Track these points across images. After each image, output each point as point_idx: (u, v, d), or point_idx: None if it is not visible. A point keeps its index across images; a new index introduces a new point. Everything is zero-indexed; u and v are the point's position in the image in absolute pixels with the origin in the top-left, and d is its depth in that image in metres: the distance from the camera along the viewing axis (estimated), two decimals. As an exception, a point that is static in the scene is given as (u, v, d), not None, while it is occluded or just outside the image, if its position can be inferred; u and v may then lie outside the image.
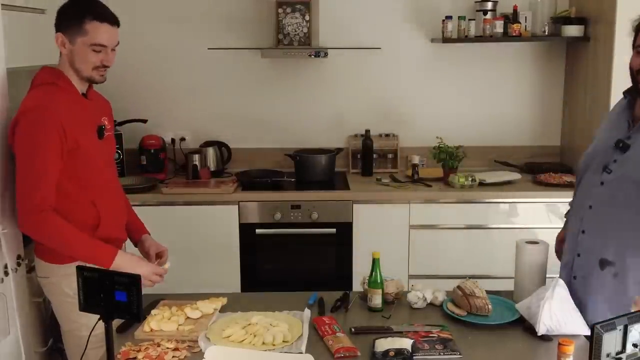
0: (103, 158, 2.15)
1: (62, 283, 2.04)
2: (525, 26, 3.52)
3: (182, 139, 3.79)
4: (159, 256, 2.24)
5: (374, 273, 2.04)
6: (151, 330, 1.87)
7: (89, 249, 1.97)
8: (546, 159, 3.82)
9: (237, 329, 1.85)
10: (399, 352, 1.68)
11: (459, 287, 2.01)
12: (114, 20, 2.04)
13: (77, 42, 2.00)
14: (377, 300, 2.03)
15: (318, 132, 3.85)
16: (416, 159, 3.67)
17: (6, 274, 2.16)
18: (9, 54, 2.47)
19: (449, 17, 3.52)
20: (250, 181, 3.47)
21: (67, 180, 1.99)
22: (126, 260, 2.00)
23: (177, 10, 3.65)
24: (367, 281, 2.07)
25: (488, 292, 2.02)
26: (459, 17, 3.51)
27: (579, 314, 1.84)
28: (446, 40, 3.53)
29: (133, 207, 2.39)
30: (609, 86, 3.17)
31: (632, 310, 1.65)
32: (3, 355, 2.23)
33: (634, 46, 1.86)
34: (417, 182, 3.47)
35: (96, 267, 1.72)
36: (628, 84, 1.98)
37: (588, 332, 1.76)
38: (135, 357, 1.72)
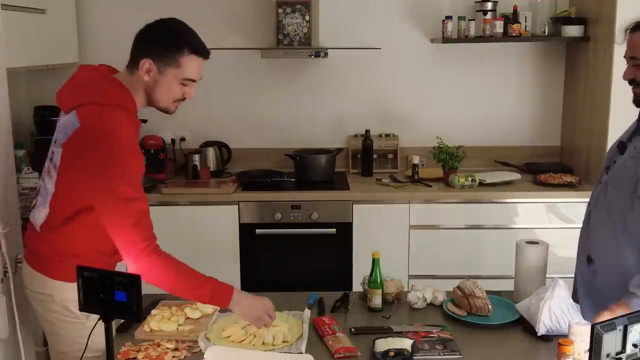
0: None
1: (69, 302, 1.82)
2: (525, 26, 3.52)
3: (182, 139, 3.79)
4: None
5: (374, 273, 2.04)
6: (151, 330, 1.87)
7: (207, 289, 1.78)
8: (546, 159, 3.82)
9: (237, 329, 1.86)
10: (399, 352, 1.68)
11: (459, 287, 2.01)
12: (207, 54, 1.87)
13: (166, 73, 1.82)
14: (377, 300, 2.03)
15: (318, 132, 3.85)
16: (416, 159, 3.67)
17: (5, 273, 2.16)
18: (9, 54, 2.48)
19: (448, 17, 3.51)
20: (250, 181, 3.47)
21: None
22: (242, 299, 1.81)
23: (176, 10, 3.63)
24: (367, 281, 2.07)
25: (488, 292, 2.02)
26: (459, 17, 3.51)
27: (579, 313, 1.84)
28: (446, 40, 3.53)
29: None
30: (609, 86, 3.17)
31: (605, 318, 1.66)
32: (3, 355, 2.24)
33: (625, 57, 1.89)
34: (417, 182, 3.47)
35: (94, 267, 1.57)
36: (628, 84, 1.99)
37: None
38: (135, 357, 1.73)
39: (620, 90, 3.16)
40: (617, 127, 3.20)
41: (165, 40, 1.84)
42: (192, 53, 1.83)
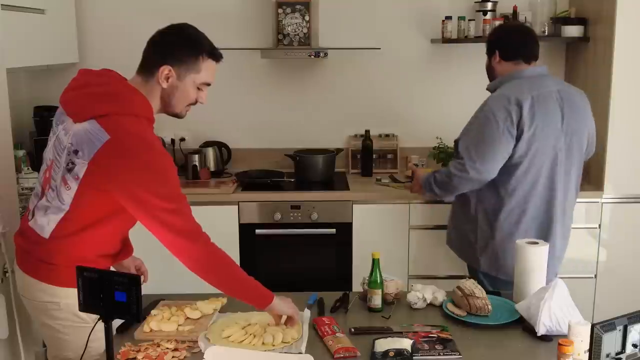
0: None
1: (77, 307, 1.75)
2: (525, 26, 3.52)
3: (182, 139, 3.79)
4: (138, 268, 2.15)
5: (373, 273, 2.04)
6: (151, 330, 1.87)
7: (252, 289, 1.84)
8: (546, 159, 3.82)
9: (236, 329, 1.86)
10: (399, 352, 1.68)
11: (458, 287, 2.01)
12: (221, 57, 1.88)
13: (186, 79, 1.81)
14: (376, 300, 2.03)
15: (318, 132, 3.85)
16: (416, 159, 3.67)
17: (5, 274, 2.17)
18: (9, 54, 2.48)
19: (448, 18, 3.52)
20: (250, 181, 3.47)
21: (117, 217, 1.80)
22: (280, 302, 1.86)
23: (176, 10, 3.65)
24: (367, 281, 2.07)
25: (488, 292, 2.02)
26: (459, 18, 3.52)
27: (579, 313, 1.84)
28: (446, 40, 3.53)
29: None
30: (608, 86, 3.17)
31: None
32: (3, 355, 2.24)
33: None
34: (417, 182, 3.47)
35: (95, 267, 1.57)
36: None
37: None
38: (135, 358, 1.72)
39: (620, 91, 3.18)
40: (617, 126, 3.22)
41: (185, 46, 1.82)
42: (209, 58, 1.83)
